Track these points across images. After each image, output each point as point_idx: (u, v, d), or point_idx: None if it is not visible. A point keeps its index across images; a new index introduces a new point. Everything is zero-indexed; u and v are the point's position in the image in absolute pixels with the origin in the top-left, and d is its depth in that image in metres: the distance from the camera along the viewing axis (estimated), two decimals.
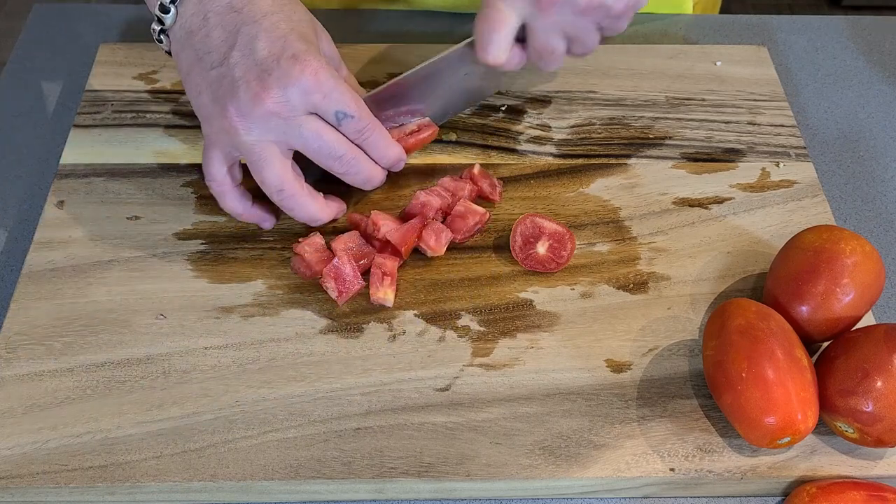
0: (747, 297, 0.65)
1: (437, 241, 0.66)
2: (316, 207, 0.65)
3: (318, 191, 0.66)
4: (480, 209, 0.68)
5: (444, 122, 0.75)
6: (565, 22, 0.65)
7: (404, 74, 0.68)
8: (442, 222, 0.68)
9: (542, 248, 0.66)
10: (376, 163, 0.66)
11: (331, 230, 0.68)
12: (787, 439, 0.55)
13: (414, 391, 0.60)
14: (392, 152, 0.66)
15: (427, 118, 0.72)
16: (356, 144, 0.64)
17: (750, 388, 0.55)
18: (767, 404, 0.54)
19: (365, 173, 0.65)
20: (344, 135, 0.63)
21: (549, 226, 0.67)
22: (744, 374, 0.55)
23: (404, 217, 0.68)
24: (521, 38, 0.67)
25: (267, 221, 0.68)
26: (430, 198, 0.68)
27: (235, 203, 0.66)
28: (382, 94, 0.68)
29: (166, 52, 0.66)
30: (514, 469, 0.56)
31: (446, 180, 0.70)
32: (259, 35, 0.61)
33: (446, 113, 0.75)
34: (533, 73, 0.80)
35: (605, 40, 0.70)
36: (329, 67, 0.61)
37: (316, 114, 0.62)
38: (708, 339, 0.59)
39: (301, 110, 0.61)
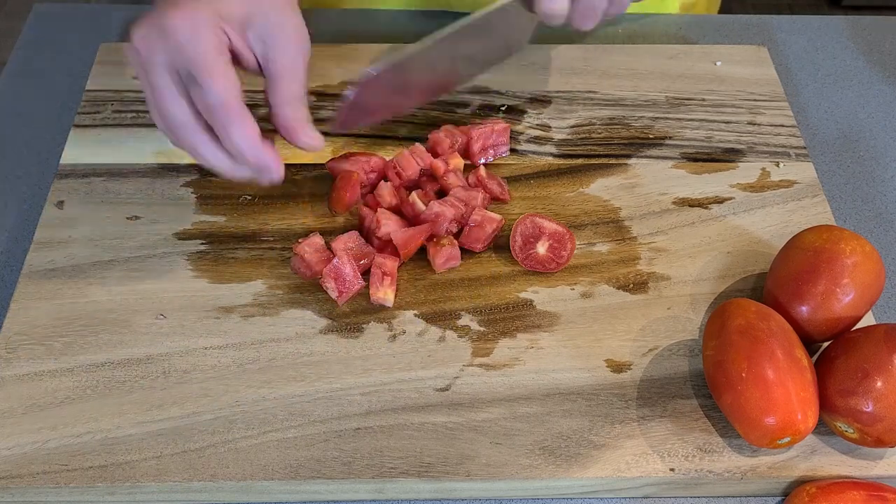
0: (747, 297, 0.65)
1: (442, 264, 0.66)
2: (257, 136, 0.58)
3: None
4: (496, 216, 0.68)
5: (461, 87, 0.76)
6: None
7: (455, 25, 0.66)
8: (457, 232, 0.67)
9: (542, 248, 0.66)
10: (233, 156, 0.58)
11: (330, 230, 0.68)
12: (787, 439, 0.55)
13: (414, 391, 0.60)
14: (253, 154, 0.57)
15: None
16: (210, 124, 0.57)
17: (750, 388, 0.55)
18: (767, 404, 0.54)
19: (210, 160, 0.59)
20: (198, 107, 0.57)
21: (549, 226, 0.67)
22: (744, 374, 0.55)
23: (414, 221, 0.68)
24: None
25: (270, 171, 0.59)
26: (443, 208, 0.67)
27: (213, 149, 0.59)
28: (412, 60, 0.66)
29: None
30: (514, 469, 0.56)
31: (458, 190, 0.69)
32: None
33: (468, 75, 0.75)
34: (534, 72, 0.80)
35: (608, 40, 0.70)
36: (212, 23, 0.56)
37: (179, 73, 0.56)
38: (708, 339, 0.59)
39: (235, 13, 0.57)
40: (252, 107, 0.58)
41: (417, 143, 0.72)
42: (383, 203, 0.69)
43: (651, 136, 0.76)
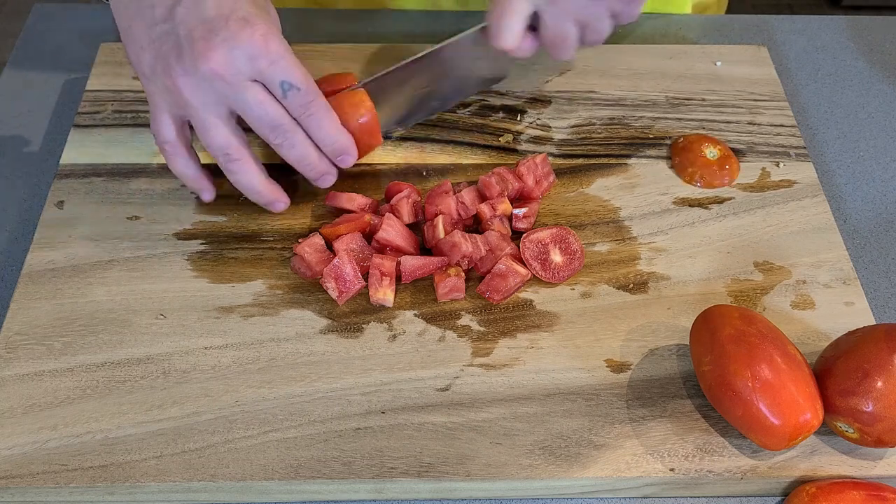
0: (747, 297, 0.65)
1: (444, 294, 0.64)
2: (259, 178, 0.64)
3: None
4: (523, 271, 0.65)
5: (450, 107, 0.75)
6: (578, 8, 0.65)
7: (414, 56, 0.68)
8: (467, 268, 0.66)
9: (556, 256, 0.66)
10: (319, 146, 0.64)
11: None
12: (801, 437, 0.55)
13: (414, 391, 0.60)
14: (337, 138, 0.64)
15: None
16: (300, 122, 0.62)
17: (760, 398, 0.54)
18: (780, 409, 0.54)
19: (299, 150, 0.63)
20: (287, 109, 0.62)
21: (547, 233, 0.67)
22: (750, 384, 0.54)
23: (428, 241, 0.67)
24: (535, 26, 0.67)
25: (207, 193, 0.67)
26: (462, 241, 0.65)
27: (186, 166, 0.65)
28: (389, 76, 0.68)
29: (104, 1, 0.64)
30: (514, 469, 0.56)
31: (491, 234, 0.66)
32: None
33: (452, 98, 0.75)
34: (535, 71, 0.80)
35: (607, 39, 0.70)
36: (279, 35, 0.60)
37: (262, 83, 0.60)
38: (701, 353, 0.58)
39: (246, 75, 0.59)
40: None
41: (467, 189, 0.69)
42: (401, 218, 0.67)
43: (651, 136, 0.76)
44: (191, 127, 0.64)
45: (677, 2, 0.91)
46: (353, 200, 0.68)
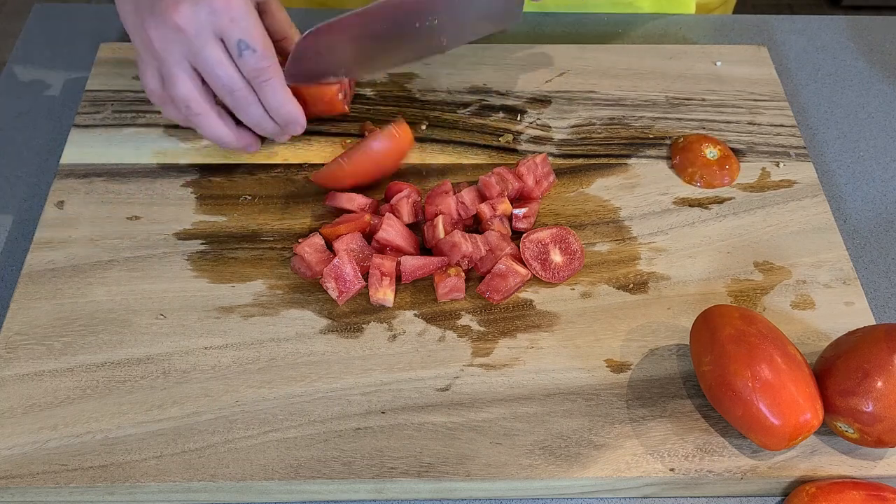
0: (747, 297, 0.65)
1: (444, 294, 0.64)
2: (223, 130, 0.67)
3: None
4: (523, 271, 0.65)
5: (453, 46, 0.74)
6: None
7: None
8: (467, 268, 0.66)
9: (556, 256, 0.66)
10: (269, 115, 0.67)
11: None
12: (801, 437, 0.55)
13: (414, 391, 0.60)
14: (286, 108, 0.67)
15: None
16: (253, 87, 0.65)
17: (760, 398, 0.54)
18: (780, 409, 0.54)
19: (253, 116, 0.66)
20: (242, 72, 0.64)
21: (546, 233, 0.67)
22: (750, 384, 0.54)
23: (428, 241, 0.67)
24: None
25: (206, 125, 0.67)
26: (462, 241, 0.65)
27: (176, 112, 0.67)
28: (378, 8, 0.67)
29: None
30: (514, 469, 0.56)
31: (491, 234, 0.67)
32: None
33: (455, 34, 0.73)
34: (535, 71, 0.80)
35: (608, 40, 0.70)
36: None
37: (222, 41, 0.63)
38: (701, 353, 0.58)
39: (208, 31, 0.62)
40: None
41: (467, 189, 0.69)
42: (401, 218, 0.67)
43: (651, 136, 0.76)
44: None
45: (681, 2, 0.91)
46: (353, 200, 0.69)
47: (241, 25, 0.62)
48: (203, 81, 0.65)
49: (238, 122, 0.68)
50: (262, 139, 0.72)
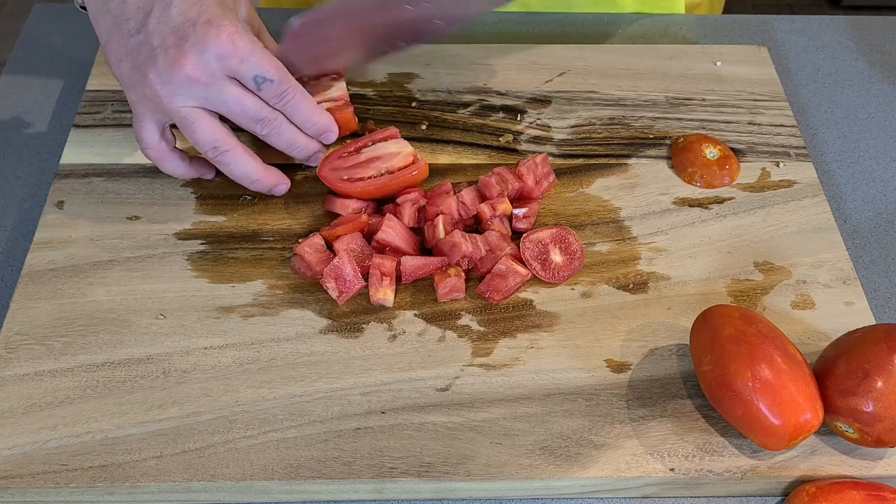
0: (747, 297, 0.65)
1: (444, 294, 0.64)
2: (252, 165, 0.66)
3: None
4: (523, 271, 0.65)
5: (451, 29, 0.72)
6: None
7: None
8: (467, 268, 0.66)
9: (556, 256, 0.66)
10: (301, 129, 0.67)
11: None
12: (801, 437, 0.55)
13: (414, 391, 0.60)
14: (316, 117, 0.67)
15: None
16: (279, 110, 0.65)
17: (760, 398, 0.54)
18: (780, 409, 0.54)
19: (287, 136, 0.66)
20: (265, 100, 0.64)
21: (546, 233, 0.67)
22: (750, 384, 0.54)
23: (428, 241, 0.67)
24: None
25: (208, 174, 0.70)
26: (462, 241, 0.65)
27: (175, 165, 0.67)
28: None
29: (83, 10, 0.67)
30: (514, 469, 0.56)
31: (491, 234, 0.67)
32: (173, 0, 0.61)
33: (451, 15, 0.71)
34: (535, 71, 0.80)
35: (605, 39, 0.70)
36: (246, 32, 0.62)
37: (236, 78, 0.62)
38: (701, 353, 0.58)
39: (220, 75, 0.61)
40: None
41: (468, 189, 0.69)
42: (402, 219, 0.67)
43: (651, 136, 0.76)
44: (174, 127, 0.66)
45: (669, 2, 0.91)
46: (347, 207, 0.69)
47: (251, 62, 0.61)
48: (221, 120, 0.64)
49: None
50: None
